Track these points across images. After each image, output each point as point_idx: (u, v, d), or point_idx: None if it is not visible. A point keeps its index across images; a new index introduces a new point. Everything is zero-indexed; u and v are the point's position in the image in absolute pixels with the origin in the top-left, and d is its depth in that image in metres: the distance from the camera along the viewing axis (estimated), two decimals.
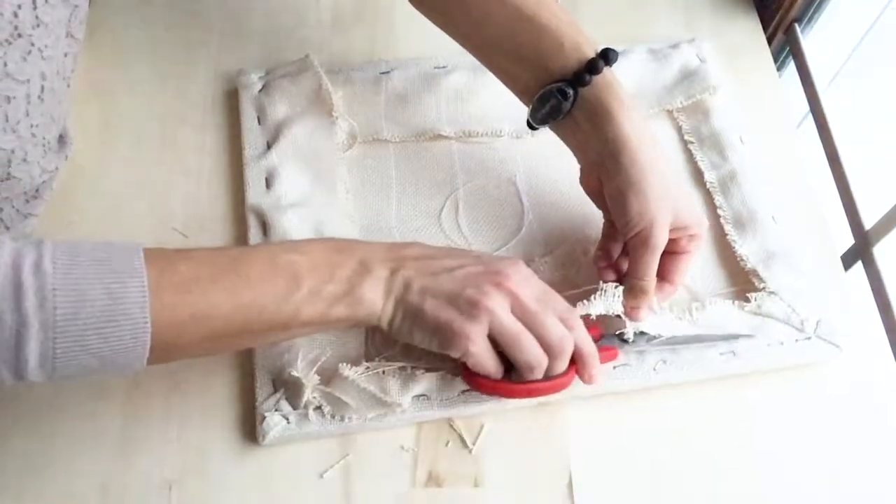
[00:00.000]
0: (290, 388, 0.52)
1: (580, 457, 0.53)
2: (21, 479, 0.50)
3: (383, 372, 0.52)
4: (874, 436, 0.55)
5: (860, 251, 0.64)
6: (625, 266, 0.56)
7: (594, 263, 0.57)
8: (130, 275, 0.41)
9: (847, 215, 0.65)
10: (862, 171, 0.66)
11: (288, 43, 0.70)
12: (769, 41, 0.75)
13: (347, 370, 0.51)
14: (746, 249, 0.60)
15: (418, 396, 0.53)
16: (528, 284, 0.50)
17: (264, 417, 0.51)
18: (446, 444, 0.53)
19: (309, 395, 0.51)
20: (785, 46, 0.76)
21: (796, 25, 0.74)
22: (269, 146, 0.63)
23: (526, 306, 0.49)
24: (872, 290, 0.62)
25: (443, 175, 0.64)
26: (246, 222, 0.59)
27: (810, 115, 0.72)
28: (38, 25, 0.45)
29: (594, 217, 0.60)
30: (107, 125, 0.64)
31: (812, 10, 0.73)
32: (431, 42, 0.63)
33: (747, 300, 0.57)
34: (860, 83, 0.78)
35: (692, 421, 0.55)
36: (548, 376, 0.50)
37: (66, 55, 0.52)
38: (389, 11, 0.73)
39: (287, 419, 0.51)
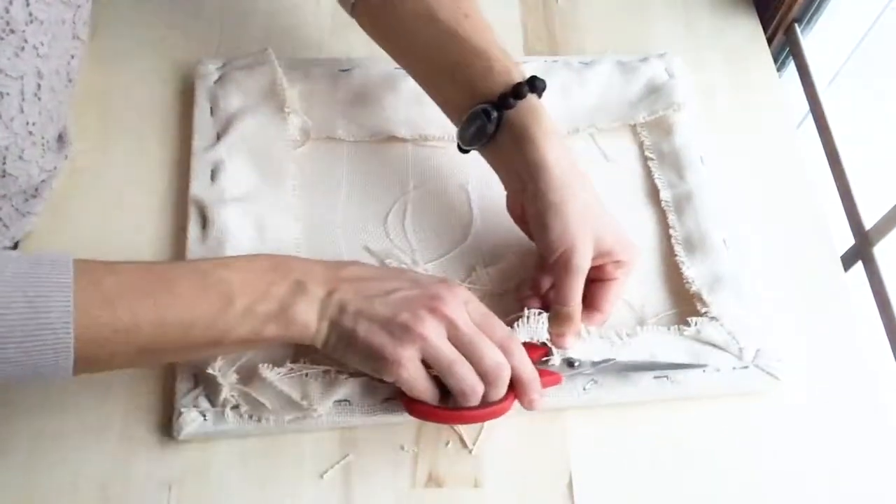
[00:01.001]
0: (209, 385, 0.51)
1: (580, 457, 0.53)
2: (21, 479, 0.50)
3: (306, 374, 0.52)
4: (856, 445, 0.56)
5: (860, 251, 0.64)
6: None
7: (516, 294, 0.57)
8: (55, 288, 0.41)
9: (847, 215, 0.65)
10: (862, 171, 0.66)
11: (288, 43, 0.70)
12: (769, 41, 0.75)
13: (267, 371, 0.51)
14: (694, 272, 0.59)
15: (340, 402, 0.52)
16: (465, 309, 0.49)
17: (181, 413, 0.51)
18: (446, 445, 0.53)
19: (227, 393, 0.51)
20: (785, 46, 0.76)
21: (796, 25, 0.75)
22: (218, 138, 0.62)
23: (461, 333, 0.48)
24: (872, 290, 0.62)
25: (395, 178, 0.63)
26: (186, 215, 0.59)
27: (810, 115, 0.72)
28: (31, 22, 0.45)
29: None
30: (107, 125, 0.64)
31: (812, 10, 0.73)
32: None
33: (688, 324, 0.56)
34: (860, 83, 0.78)
35: (694, 424, 0.55)
36: (486, 402, 0.49)
37: (72, 56, 0.52)
38: None
39: (204, 416, 0.51)
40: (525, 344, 0.51)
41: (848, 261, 0.64)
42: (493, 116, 0.54)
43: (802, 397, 0.56)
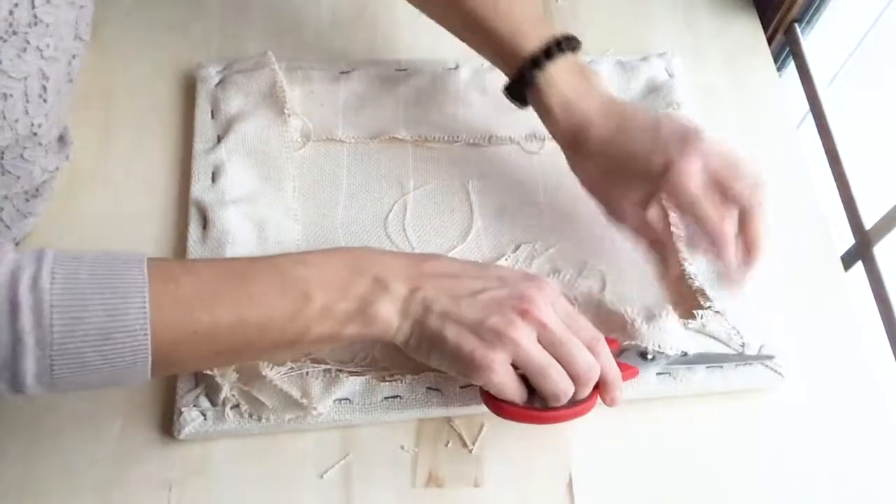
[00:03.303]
0: (210, 384, 0.51)
1: (580, 457, 0.53)
2: (22, 480, 0.50)
3: (307, 373, 0.52)
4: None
5: (860, 251, 0.64)
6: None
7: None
8: (131, 290, 0.41)
9: (847, 215, 0.65)
10: (862, 171, 0.66)
11: (288, 43, 0.70)
12: (769, 41, 0.75)
13: (267, 370, 0.51)
14: (697, 268, 0.58)
15: (340, 400, 0.52)
16: (555, 310, 0.48)
17: (181, 412, 0.51)
18: (446, 445, 0.53)
19: (227, 392, 0.51)
20: (785, 46, 0.76)
21: (796, 25, 0.74)
22: (219, 140, 0.62)
23: (553, 336, 0.47)
24: (872, 290, 0.62)
25: (394, 178, 0.63)
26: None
27: (810, 115, 0.72)
28: (36, 24, 0.45)
29: (543, 230, 0.61)
30: (108, 126, 0.64)
31: (812, 10, 0.73)
32: (432, 42, 0.64)
33: (692, 317, 0.55)
34: (860, 83, 0.78)
35: (694, 424, 0.55)
36: (572, 401, 0.49)
37: (73, 56, 0.52)
38: (389, 11, 0.73)
39: (204, 415, 0.51)
40: None
41: (848, 261, 0.64)
42: (527, 80, 0.55)
43: (802, 397, 0.56)
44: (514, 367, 0.47)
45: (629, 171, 0.54)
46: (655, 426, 0.54)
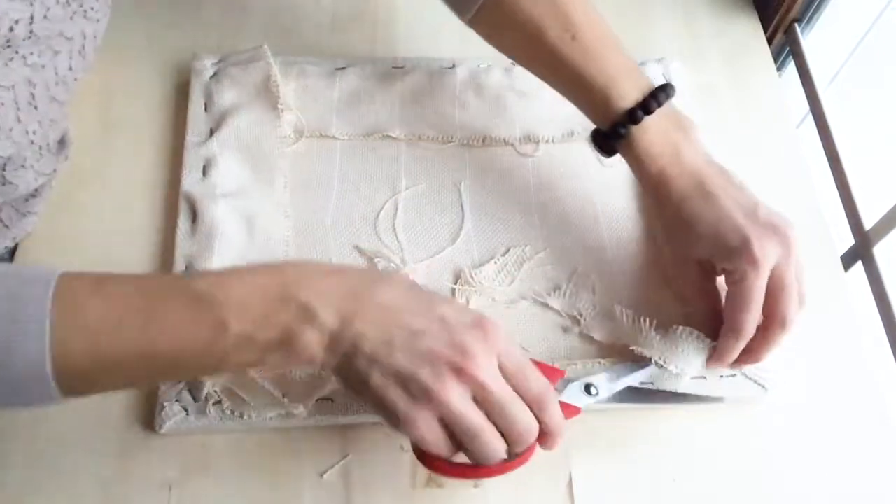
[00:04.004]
0: (192, 381, 0.51)
1: (580, 457, 0.53)
2: (21, 479, 0.50)
3: (291, 372, 0.51)
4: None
5: (860, 251, 0.64)
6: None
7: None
8: (30, 317, 0.38)
9: (847, 215, 0.65)
10: (862, 171, 0.66)
11: (287, 41, 0.70)
12: (769, 41, 0.75)
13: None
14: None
15: (324, 399, 0.51)
16: (503, 360, 0.44)
17: (163, 407, 0.50)
18: None
19: (209, 388, 0.50)
20: (785, 46, 0.76)
21: (796, 25, 0.75)
22: (211, 133, 0.62)
23: (491, 396, 0.43)
24: (872, 290, 0.62)
25: (386, 177, 0.63)
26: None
27: (810, 115, 0.72)
28: (29, 37, 0.45)
29: (534, 234, 0.60)
30: (105, 122, 0.64)
31: (812, 10, 0.73)
32: (432, 42, 0.63)
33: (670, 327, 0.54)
34: (860, 83, 0.78)
35: (694, 424, 0.55)
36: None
37: (70, 69, 0.51)
38: (389, 11, 0.73)
39: (186, 411, 0.50)
40: (540, 364, 0.48)
41: (848, 261, 0.64)
42: (612, 139, 0.54)
43: (802, 397, 0.56)
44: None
45: (700, 235, 0.52)
46: (655, 426, 0.54)
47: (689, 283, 0.56)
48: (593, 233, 0.61)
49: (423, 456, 0.46)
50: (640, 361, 0.53)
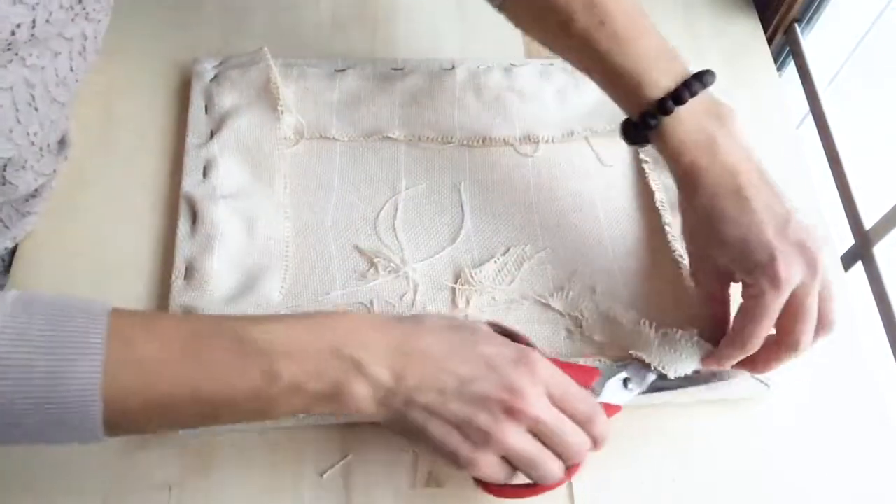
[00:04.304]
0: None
1: None
2: (22, 479, 0.50)
3: None
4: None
5: (860, 251, 0.64)
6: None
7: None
8: (82, 353, 0.38)
9: (847, 215, 0.65)
10: (862, 171, 0.66)
11: (287, 43, 0.70)
12: (769, 41, 0.75)
13: None
14: None
15: None
16: (548, 388, 0.45)
17: None
18: None
19: None
20: (785, 46, 0.76)
21: (796, 25, 0.74)
22: (212, 135, 0.62)
23: (545, 427, 0.45)
24: (872, 290, 0.62)
25: (387, 178, 0.63)
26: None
27: (810, 115, 0.72)
28: (30, 40, 0.45)
29: (534, 234, 0.60)
30: (106, 122, 0.64)
31: (812, 10, 0.73)
32: (432, 43, 0.63)
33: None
34: (860, 83, 0.78)
35: (694, 423, 0.55)
36: None
37: (71, 70, 0.51)
38: (389, 11, 0.73)
39: None
40: (576, 367, 0.50)
41: (848, 261, 0.64)
42: (642, 129, 0.52)
43: (802, 397, 0.56)
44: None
45: (724, 240, 0.50)
46: (655, 426, 0.54)
47: (702, 285, 0.54)
48: (593, 232, 0.62)
49: (485, 485, 0.47)
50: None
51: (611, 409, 0.50)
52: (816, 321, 0.49)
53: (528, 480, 0.47)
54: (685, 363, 0.52)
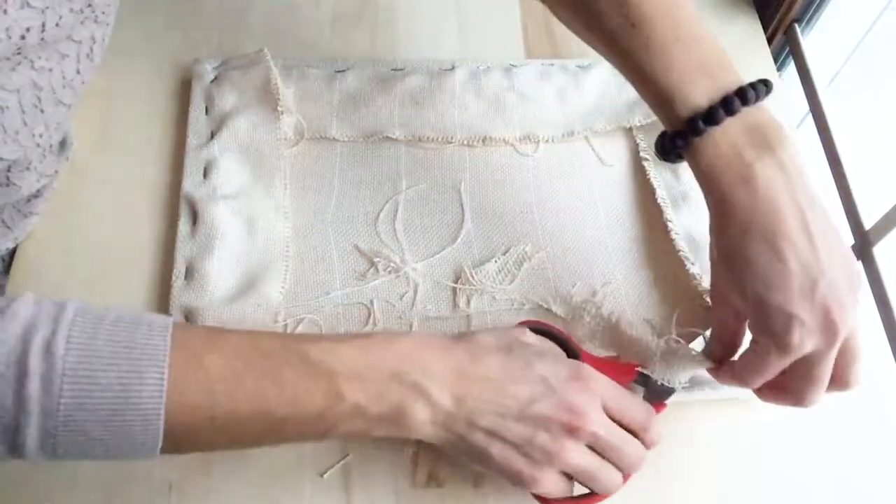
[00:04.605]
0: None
1: None
2: (22, 479, 0.50)
3: None
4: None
5: (860, 251, 0.63)
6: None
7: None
8: (149, 365, 0.38)
9: (847, 215, 0.65)
10: (862, 171, 0.66)
11: (287, 44, 0.70)
12: (769, 41, 0.75)
13: None
14: (699, 268, 0.58)
15: None
16: (605, 402, 0.46)
17: None
18: None
19: None
20: (785, 46, 0.76)
21: (796, 25, 0.74)
22: (212, 136, 0.62)
23: (604, 442, 0.45)
24: (872, 290, 0.62)
25: (387, 178, 0.63)
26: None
27: (810, 115, 0.72)
28: (39, 43, 0.45)
29: (534, 233, 0.60)
30: (107, 123, 0.65)
31: (812, 10, 0.73)
32: (432, 43, 0.63)
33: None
34: (860, 83, 0.78)
35: (693, 423, 0.55)
36: None
37: (78, 72, 0.51)
38: (389, 12, 0.73)
39: None
40: (616, 364, 0.50)
41: None
42: (669, 150, 0.47)
43: None
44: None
45: (743, 291, 0.45)
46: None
47: (717, 309, 0.50)
48: (594, 231, 0.62)
49: (545, 500, 0.48)
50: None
51: (658, 408, 0.51)
52: (830, 381, 0.46)
53: (585, 490, 0.48)
54: (685, 375, 0.51)
